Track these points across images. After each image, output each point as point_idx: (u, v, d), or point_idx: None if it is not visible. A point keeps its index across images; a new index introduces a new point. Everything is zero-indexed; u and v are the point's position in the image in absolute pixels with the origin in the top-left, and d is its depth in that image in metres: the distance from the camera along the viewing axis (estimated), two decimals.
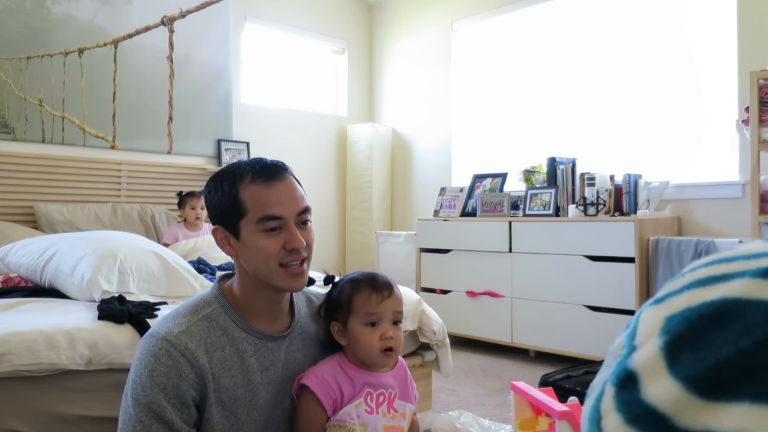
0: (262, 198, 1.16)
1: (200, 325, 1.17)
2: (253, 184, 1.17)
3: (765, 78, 2.78)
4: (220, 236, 1.21)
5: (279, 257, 1.17)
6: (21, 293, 2.20)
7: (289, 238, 1.17)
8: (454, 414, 2.44)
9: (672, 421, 0.27)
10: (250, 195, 1.17)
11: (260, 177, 1.18)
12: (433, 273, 4.03)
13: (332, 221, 5.12)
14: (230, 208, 1.18)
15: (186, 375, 1.11)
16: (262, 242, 1.16)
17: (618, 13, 3.83)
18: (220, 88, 4.34)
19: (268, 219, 1.16)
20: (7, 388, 1.54)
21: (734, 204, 3.27)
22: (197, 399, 1.14)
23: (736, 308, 0.27)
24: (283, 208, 1.17)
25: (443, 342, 2.54)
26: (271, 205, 1.16)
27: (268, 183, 1.18)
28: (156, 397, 1.09)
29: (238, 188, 1.17)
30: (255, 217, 1.16)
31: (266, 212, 1.16)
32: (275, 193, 1.17)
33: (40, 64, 3.58)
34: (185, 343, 1.13)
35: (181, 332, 1.14)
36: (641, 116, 3.71)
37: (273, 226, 1.16)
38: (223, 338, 1.18)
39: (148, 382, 1.10)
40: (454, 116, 4.76)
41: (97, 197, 3.74)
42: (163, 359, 1.11)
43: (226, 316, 1.21)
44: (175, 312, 1.21)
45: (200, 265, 2.82)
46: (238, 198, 1.17)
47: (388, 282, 1.33)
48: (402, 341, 1.31)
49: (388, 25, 5.30)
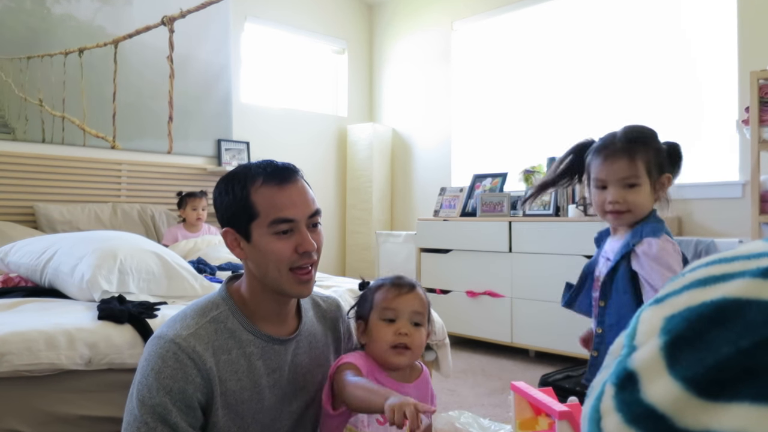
0: (275, 200, 1.16)
1: (208, 327, 1.17)
2: (265, 186, 1.17)
3: (765, 78, 2.78)
4: (230, 239, 1.20)
5: (290, 261, 1.16)
6: (21, 293, 2.20)
7: (300, 241, 1.16)
8: (454, 414, 2.44)
9: (672, 421, 0.27)
10: (262, 197, 1.16)
11: (272, 179, 1.17)
12: (433, 273, 4.03)
13: (332, 221, 5.12)
14: (241, 211, 1.17)
15: (192, 378, 1.11)
16: (274, 245, 1.15)
17: (618, 13, 3.83)
18: (220, 88, 4.34)
19: (280, 222, 1.15)
20: (7, 388, 1.54)
21: (734, 204, 3.26)
22: (203, 402, 1.13)
23: (736, 308, 0.27)
24: (296, 211, 1.17)
25: (443, 342, 2.54)
26: (284, 207, 1.16)
27: (281, 185, 1.17)
28: (162, 400, 1.09)
29: (249, 190, 1.17)
30: (267, 220, 1.15)
31: (279, 215, 1.15)
32: (288, 195, 1.17)
33: (40, 64, 3.57)
34: (193, 346, 1.12)
35: (190, 335, 1.14)
36: (641, 116, 3.71)
37: (285, 228, 1.16)
38: (231, 341, 1.18)
39: (154, 384, 1.10)
40: (453, 116, 4.76)
41: (97, 197, 3.74)
42: (170, 362, 1.11)
43: (234, 318, 1.20)
44: (183, 314, 1.20)
45: (200, 265, 2.82)
46: (249, 200, 1.16)
47: (411, 282, 1.33)
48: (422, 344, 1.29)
49: (388, 25, 5.29)
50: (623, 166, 1.33)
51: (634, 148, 1.34)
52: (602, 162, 1.35)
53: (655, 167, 1.36)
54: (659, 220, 1.40)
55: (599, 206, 1.38)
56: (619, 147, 1.35)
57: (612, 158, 1.34)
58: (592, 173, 1.39)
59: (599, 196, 1.37)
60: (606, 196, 1.35)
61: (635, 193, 1.34)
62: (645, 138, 1.37)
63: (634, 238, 1.34)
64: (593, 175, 1.38)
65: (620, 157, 1.34)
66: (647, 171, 1.34)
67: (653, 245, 1.31)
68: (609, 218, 1.39)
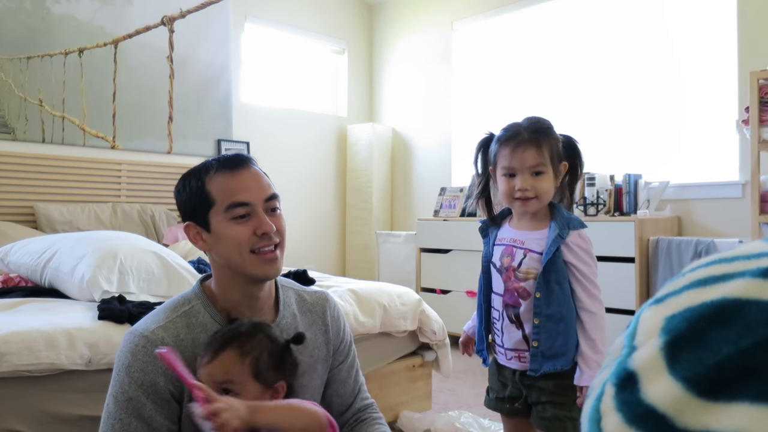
0: (229, 186, 1.18)
1: (178, 321, 1.18)
2: (218, 174, 1.19)
3: (765, 78, 2.78)
4: (192, 233, 1.23)
5: (250, 243, 1.17)
6: (21, 293, 2.20)
7: (258, 224, 1.18)
8: (454, 414, 2.44)
9: (672, 421, 0.27)
10: (217, 185, 1.19)
11: (225, 167, 1.20)
12: (433, 273, 4.03)
13: (332, 221, 5.12)
14: (198, 202, 1.19)
15: (163, 370, 1.11)
16: (232, 230, 1.17)
17: (618, 13, 3.83)
18: (220, 88, 4.35)
19: (236, 206, 1.17)
20: (7, 388, 1.54)
21: (734, 204, 3.26)
22: (176, 394, 1.14)
23: (736, 308, 0.27)
24: (251, 194, 1.19)
25: (443, 342, 2.55)
26: (238, 192, 1.18)
27: (233, 171, 1.20)
28: (134, 394, 1.10)
29: (204, 180, 1.20)
30: (223, 206, 1.17)
31: (233, 199, 1.17)
32: (240, 180, 1.19)
33: (40, 64, 3.58)
34: (162, 338, 1.14)
35: (158, 328, 1.16)
36: (641, 116, 3.71)
37: (242, 213, 1.18)
38: (203, 335, 1.19)
39: (126, 379, 1.11)
40: (453, 116, 4.76)
41: (97, 197, 3.74)
42: (139, 355, 1.12)
43: (206, 312, 1.21)
44: (156, 310, 1.23)
45: (200, 265, 2.82)
46: (205, 190, 1.19)
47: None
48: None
49: (388, 25, 5.30)
50: (532, 154, 1.41)
51: (540, 138, 1.42)
52: (511, 151, 1.43)
53: (556, 156, 1.45)
54: (569, 212, 1.50)
55: (507, 194, 1.45)
56: (527, 137, 1.43)
57: (521, 147, 1.42)
58: (500, 162, 1.46)
59: (507, 184, 1.45)
60: (515, 183, 1.43)
61: (541, 180, 1.42)
62: (547, 129, 1.45)
63: (563, 230, 1.42)
64: (501, 164, 1.46)
65: (529, 147, 1.42)
66: (551, 159, 1.43)
67: (585, 238, 1.43)
68: (517, 205, 1.46)
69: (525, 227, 1.49)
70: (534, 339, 1.42)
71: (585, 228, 1.44)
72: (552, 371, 1.41)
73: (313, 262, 4.86)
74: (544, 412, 1.44)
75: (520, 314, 1.45)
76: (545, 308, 1.41)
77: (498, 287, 1.50)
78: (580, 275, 1.40)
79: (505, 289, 1.47)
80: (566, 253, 1.41)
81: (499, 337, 1.51)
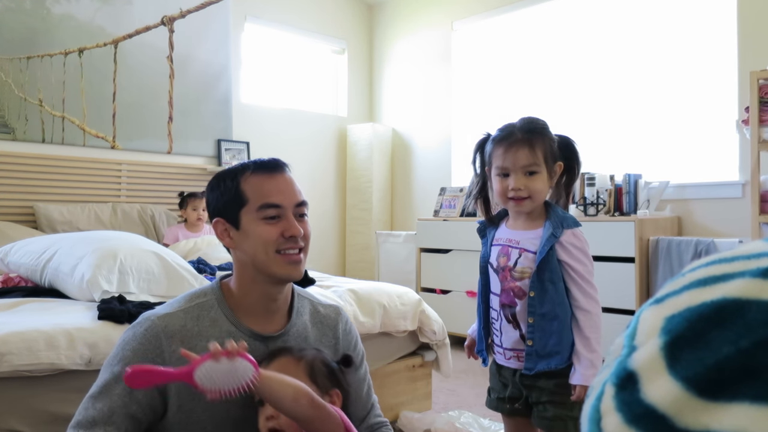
0: (264, 187, 1.22)
1: (190, 311, 1.21)
2: (254, 175, 1.23)
3: (765, 78, 2.78)
4: (220, 229, 1.25)
5: (277, 244, 1.21)
6: (21, 293, 2.20)
7: (287, 226, 1.21)
8: (454, 414, 2.44)
9: (672, 421, 0.27)
10: (252, 185, 1.22)
11: (261, 169, 1.24)
12: (433, 273, 4.03)
13: (332, 221, 5.12)
14: (231, 200, 1.23)
15: (152, 358, 1.13)
16: (262, 228, 1.20)
17: (618, 13, 3.83)
18: (220, 88, 4.35)
19: (268, 207, 1.21)
20: (7, 388, 1.54)
21: (734, 204, 3.26)
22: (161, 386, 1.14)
23: (736, 308, 0.27)
24: (283, 198, 1.23)
25: (443, 342, 2.55)
26: (272, 194, 1.22)
27: (270, 174, 1.24)
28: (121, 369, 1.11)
29: (239, 180, 1.23)
30: (255, 205, 1.21)
31: (266, 200, 1.21)
32: (275, 183, 1.23)
33: (40, 64, 3.58)
34: (165, 326, 1.17)
35: (167, 315, 1.19)
36: (641, 116, 3.71)
37: (273, 214, 1.21)
38: (211, 329, 1.20)
39: (119, 352, 1.16)
40: (454, 116, 4.76)
41: (97, 197, 3.74)
42: (138, 336, 1.16)
43: (219, 308, 1.23)
44: (176, 297, 1.28)
45: (200, 265, 2.82)
46: (239, 189, 1.23)
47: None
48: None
49: (388, 25, 5.29)
50: (525, 154, 1.42)
51: (533, 138, 1.43)
52: (505, 151, 1.44)
53: (550, 156, 1.45)
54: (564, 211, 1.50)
55: (501, 193, 1.46)
56: (520, 137, 1.43)
57: (514, 147, 1.43)
58: (495, 162, 1.47)
59: (501, 184, 1.45)
60: (508, 183, 1.44)
61: (535, 180, 1.43)
62: (541, 129, 1.46)
63: (557, 229, 1.42)
64: (495, 163, 1.47)
65: (522, 147, 1.42)
66: (544, 159, 1.43)
67: (580, 237, 1.43)
68: (511, 204, 1.47)
69: (520, 227, 1.49)
70: (528, 338, 1.43)
71: (579, 227, 1.44)
72: (546, 370, 1.41)
73: (313, 261, 4.86)
74: (546, 412, 1.44)
75: (516, 314, 1.45)
76: (539, 307, 1.41)
77: (495, 287, 1.50)
78: (574, 274, 1.41)
79: (502, 289, 1.48)
80: (560, 251, 1.41)
81: (497, 338, 1.51)
